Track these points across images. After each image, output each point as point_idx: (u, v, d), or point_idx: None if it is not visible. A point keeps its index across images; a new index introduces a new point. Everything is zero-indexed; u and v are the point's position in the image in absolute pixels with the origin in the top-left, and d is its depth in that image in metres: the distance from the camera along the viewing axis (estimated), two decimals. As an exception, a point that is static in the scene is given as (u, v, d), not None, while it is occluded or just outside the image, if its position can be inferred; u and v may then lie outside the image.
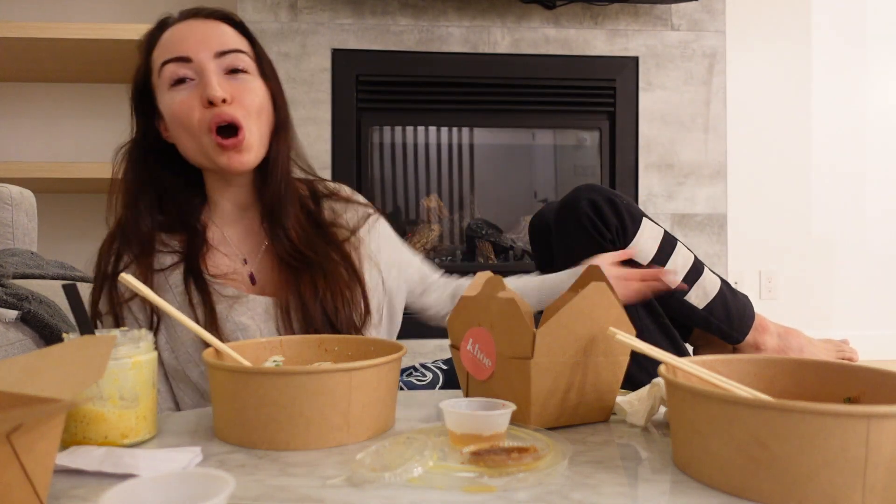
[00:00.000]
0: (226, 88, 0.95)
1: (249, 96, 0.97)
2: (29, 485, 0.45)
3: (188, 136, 0.96)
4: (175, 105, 0.95)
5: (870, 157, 3.26)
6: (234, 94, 0.95)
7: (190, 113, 0.95)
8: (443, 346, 2.53)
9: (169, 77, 0.96)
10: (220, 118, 0.94)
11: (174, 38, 0.97)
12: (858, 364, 0.66)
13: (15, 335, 1.03)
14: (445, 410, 0.64)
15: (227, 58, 0.97)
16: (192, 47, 0.95)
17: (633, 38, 2.69)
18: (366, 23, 2.58)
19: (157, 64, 0.97)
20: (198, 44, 0.96)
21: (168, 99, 0.96)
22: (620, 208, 1.13)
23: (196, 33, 0.97)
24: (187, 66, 0.95)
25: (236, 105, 0.95)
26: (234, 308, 0.97)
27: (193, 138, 0.96)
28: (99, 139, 2.79)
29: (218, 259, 1.02)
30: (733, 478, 0.53)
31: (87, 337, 0.68)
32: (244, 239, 1.05)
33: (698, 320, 1.18)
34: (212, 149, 0.96)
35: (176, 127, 0.97)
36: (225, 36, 0.98)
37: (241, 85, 0.97)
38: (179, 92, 0.95)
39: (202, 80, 0.95)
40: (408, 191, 2.86)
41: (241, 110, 0.96)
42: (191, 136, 0.96)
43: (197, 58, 0.95)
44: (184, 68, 0.95)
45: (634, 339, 0.70)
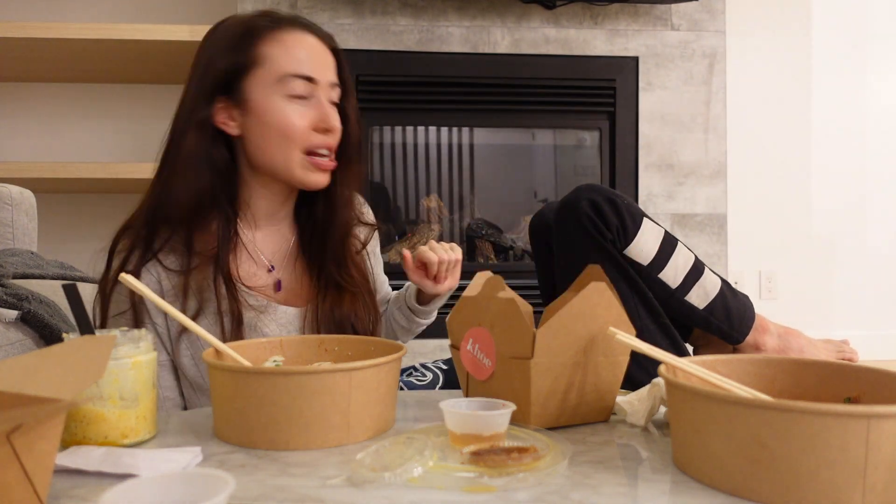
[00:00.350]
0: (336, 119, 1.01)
1: (338, 128, 1.02)
2: (29, 485, 0.45)
3: (282, 144, 0.98)
4: (288, 115, 0.97)
5: (870, 156, 3.26)
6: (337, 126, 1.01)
7: (300, 128, 0.98)
8: (443, 346, 2.53)
9: (292, 89, 0.97)
10: (326, 145, 1.00)
11: (301, 47, 0.99)
12: (858, 364, 0.66)
13: (15, 335, 1.03)
14: (445, 410, 0.64)
15: (335, 90, 1.02)
16: (317, 70, 0.99)
17: (633, 38, 2.69)
18: (366, 23, 2.58)
19: (279, 67, 0.97)
20: (322, 68, 1.00)
21: (282, 106, 0.97)
22: (621, 208, 1.13)
23: (319, 56, 1.00)
24: (311, 86, 0.98)
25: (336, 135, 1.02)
26: (261, 318, 0.98)
27: (286, 148, 0.98)
28: (99, 139, 2.79)
29: (245, 263, 1.02)
30: (733, 478, 0.53)
31: (87, 337, 0.68)
32: (271, 243, 1.06)
33: (699, 320, 1.18)
34: (301, 164, 0.99)
35: (274, 133, 0.98)
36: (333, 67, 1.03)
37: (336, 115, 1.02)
38: (296, 105, 0.98)
39: (320, 105, 0.99)
40: (408, 191, 2.86)
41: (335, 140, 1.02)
42: (285, 146, 0.98)
43: (321, 83, 0.99)
44: (308, 87, 0.98)
45: (634, 339, 0.70)
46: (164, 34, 2.31)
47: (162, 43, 2.33)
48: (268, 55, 0.97)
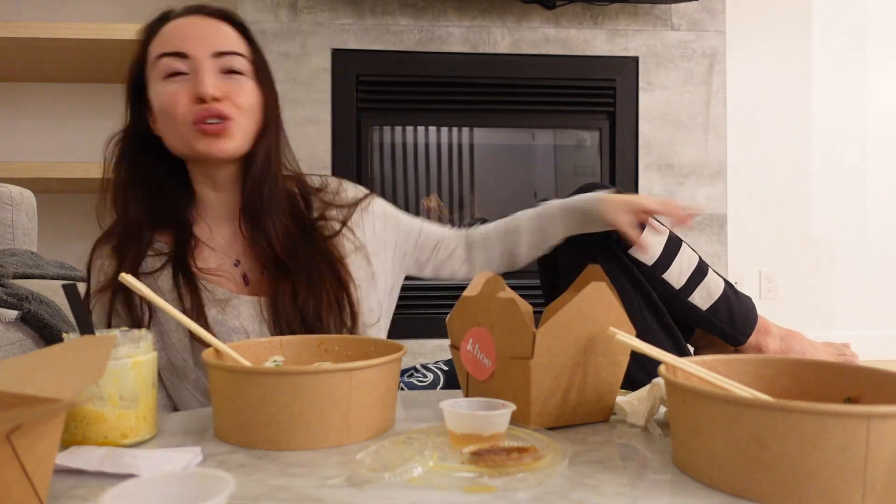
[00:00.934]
0: (218, 87, 0.96)
1: (242, 96, 0.98)
2: (29, 485, 0.45)
3: (172, 126, 0.97)
4: (165, 95, 0.96)
5: (870, 156, 3.26)
6: (225, 93, 0.96)
7: (177, 104, 0.95)
8: (443, 346, 2.53)
9: (163, 69, 0.96)
10: (209, 114, 0.95)
11: (173, 32, 0.98)
12: (858, 364, 0.66)
13: (15, 335, 1.03)
14: (445, 410, 0.64)
15: (224, 59, 0.97)
16: (190, 44, 0.96)
17: (633, 38, 2.69)
18: (366, 23, 2.58)
19: (153, 56, 0.98)
20: (196, 41, 0.96)
21: (160, 89, 0.97)
22: None
23: (196, 31, 0.98)
24: (183, 61, 0.96)
25: (227, 103, 0.97)
26: (226, 311, 0.98)
27: (176, 128, 0.97)
28: (99, 139, 2.76)
29: (207, 255, 1.02)
30: (733, 478, 0.53)
31: (87, 337, 0.68)
32: (235, 239, 1.05)
33: (701, 321, 1.18)
34: (192, 136, 0.96)
35: (163, 117, 0.98)
36: (224, 37, 0.99)
37: (233, 84, 0.98)
38: (171, 84, 0.96)
39: (196, 76, 0.95)
40: (408, 191, 2.86)
41: (232, 108, 0.97)
42: (174, 125, 0.97)
43: (194, 55, 0.96)
44: (179, 63, 0.96)
45: (634, 339, 0.70)
46: (164, 34, 2.31)
47: (162, 43, 2.33)
48: (151, 50, 0.99)
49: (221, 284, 1.00)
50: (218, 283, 1.00)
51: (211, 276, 1.00)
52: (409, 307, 2.52)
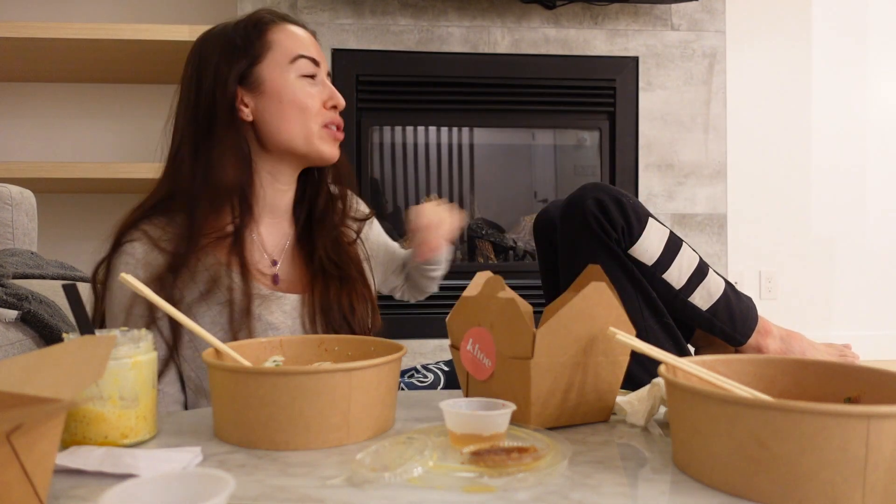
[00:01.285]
0: None
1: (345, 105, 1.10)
2: (29, 484, 0.45)
3: (301, 118, 1.04)
4: (304, 92, 1.05)
5: (870, 156, 3.26)
6: None
7: (315, 104, 1.05)
8: (443, 347, 2.53)
9: (303, 68, 1.05)
10: (337, 122, 1.08)
11: (304, 38, 1.08)
12: (858, 364, 0.66)
13: (15, 335, 1.03)
14: (445, 410, 0.64)
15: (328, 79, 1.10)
16: (318, 56, 1.08)
17: (633, 38, 2.69)
18: (366, 23, 2.58)
19: (288, 50, 1.04)
20: (319, 55, 1.09)
21: (299, 84, 1.04)
22: (626, 208, 1.13)
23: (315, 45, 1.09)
24: (316, 68, 1.07)
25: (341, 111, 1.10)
26: (265, 306, 1.00)
27: (305, 122, 1.04)
28: (99, 139, 2.79)
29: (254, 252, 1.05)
30: (733, 478, 0.53)
31: (88, 337, 0.68)
32: (273, 237, 1.09)
33: (702, 322, 1.17)
34: (319, 137, 1.06)
35: (292, 108, 1.04)
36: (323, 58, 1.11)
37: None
38: (310, 84, 1.06)
39: (325, 86, 1.08)
40: (408, 191, 2.86)
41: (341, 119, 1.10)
42: (304, 119, 1.04)
43: (322, 66, 1.09)
44: (314, 68, 1.06)
45: (634, 339, 0.70)
46: (164, 34, 2.31)
47: (162, 43, 2.33)
48: (277, 40, 1.05)
49: (258, 279, 1.02)
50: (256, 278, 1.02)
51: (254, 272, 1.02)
52: (409, 307, 2.52)
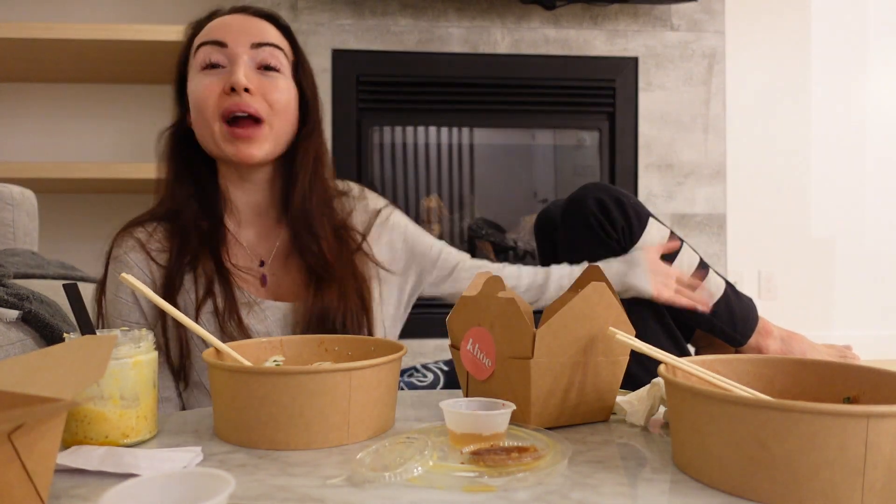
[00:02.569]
0: (252, 80, 0.95)
1: (276, 93, 0.96)
2: (30, 484, 0.45)
3: (202, 122, 0.96)
4: (199, 88, 0.95)
5: (869, 156, 3.26)
6: (260, 88, 0.95)
7: (209, 97, 0.94)
8: (443, 346, 2.53)
9: (202, 59, 0.96)
10: (238, 107, 0.93)
11: (217, 25, 0.98)
12: (858, 364, 0.66)
13: (16, 335, 1.03)
14: (445, 410, 0.64)
15: (263, 51, 0.96)
16: (230, 34, 0.96)
17: (632, 38, 2.69)
18: (366, 23, 2.58)
19: (194, 47, 0.98)
20: (237, 32, 0.96)
21: (196, 81, 0.96)
22: (627, 208, 1.13)
23: (239, 24, 0.97)
24: (221, 50, 0.95)
25: (259, 98, 0.95)
26: (249, 315, 0.97)
27: (206, 123, 0.95)
28: (99, 139, 2.79)
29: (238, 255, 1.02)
30: (733, 478, 0.53)
31: (88, 337, 0.68)
32: (259, 240, 1.04)
33: (702, 322, 1.17)
34: (221, 137, 0.95)
35: (195, 110, 0.97)
36: (266, 31, 0.99)
37: (269, 81, 0.97)
38: (207, 76, 0.95)
39: (231, 67, 0.94)
40: (408, 191, 2.86)
41: (264, 105, 0.95)
42: (204, 120, 0.95)
43: (232, 44, 0.95)
44: (217, 53, 0.95)
45: (634, 339, 0.70)
46: (163, 34, 2.31)
47: (162, 43, 2.33)
48: (194, 46, 0.99)
49: (245, 283, 0.99)
50: (242, 283, 0.99)
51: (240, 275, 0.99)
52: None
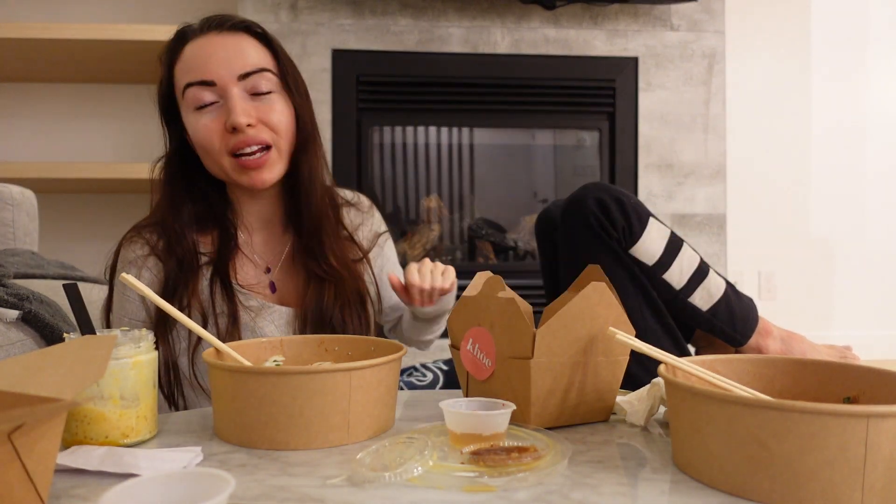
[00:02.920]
0: (250, 112, 0.95)
1: (275, 117, 0.97)
2: (30, 484, 0.45)
3: (209, 159, 0.98)
4: (199, 128, 0.96)
5: (869, 156, 3.26)
6: (259, 117, 0.95)
7: (212, 137, 0.95)
8: (443, 347, 2.52)
9: (192, 101, 0.95)
10: (245, 144, 0.95)
11: (196, 56, 0.96)
12: (858, 364, 0.66)
13: (16, 335, 1.03)
14: (445, 410, 0.64)
15: (251, 79, 0.96)
16: (214, 70, 0.94)
17: (632, 38, 2.69)
18: (366, 23, 2.58)
19: (181, 84, 0.97)
20: (220, 65, 0.94)
21: (193, 121, 0.96)
22: (627, 208, 1.13)
23: (218, 53, 0.95)
24: (210, 89, 0.95)
25: (261, 127, 0.96)
26: (257, 319, 0.99)
27: (214, 161, 0.97)
28: (99, 139, 2.79)
29: (245, 266, 1.03)
30: (733, 478, 0.53)
31: (88, 337, 0.68)
32: (267, 246, 1.06)
33: (702, 322, 1.17)
34: (232, 169, 0.97)
35: (200, 149, 0.98)
36: (247, 54, 0.96)
37: (265, 106, 0.97)
38: (204, 116, 0.95)
39: (226, 103, 0.94)
40: (408, 191, 2.86)
41: (267, 132, 0.96)
42: (212, 158, 0.97)
43: (220, 81, 0.94)
44: (207, 92, 0.95)
45: (634, 339, 0.70)
46: (164, 34, 2.30)
47: (161, 43, 2.32)
48: (176, 76, 0.98)
49: (253, 290, 1.01)
50: (250, 290, 1.01)
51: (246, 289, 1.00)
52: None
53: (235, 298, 0.98)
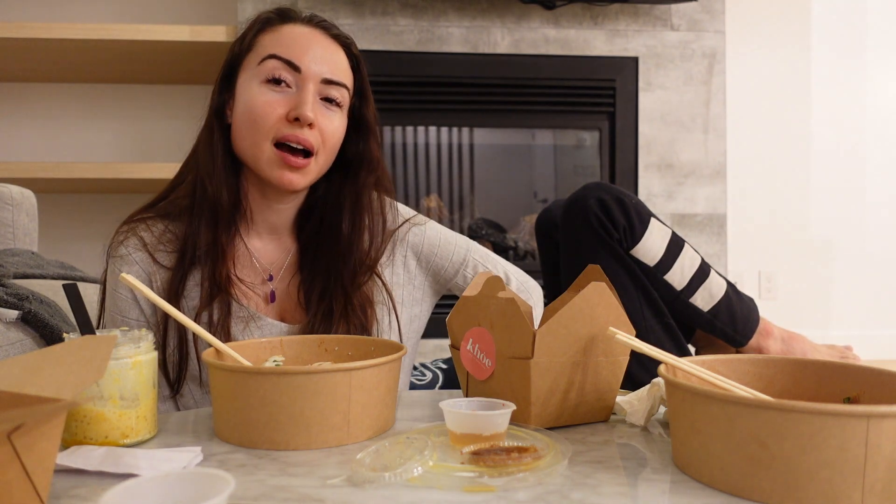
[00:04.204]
0: (317, 114, 0.94)
1: (331, 129, 0.96)
2: (30, 484, 0.45)
3: (252, 135, 0.93)
4: (259, 100, 0.92)
5: (869, 156, 3.26)
6: (319, 122, 0.94)
7: (269, 115, 0.92)
8: (443, 346, 2.53)
9: (268, 71, 0.93)
10: (297, 139, 0.92)
11: (293, 38, 0.95)
12: (858, 364, 0.66)
13: (15, 335, 1.03)
14: (445, 410, 0.64)
15: (331, 88, 0.95)
16: (305, 59, 0.93)
17: (632, 38, 2.69)
18: (366, 23, 2.58)
19: (264, 51, 0.94)
20: (314, 59, 0.94)
21: (256, 92, 0.93)
22: (629, 208, 1.13)
23: (316, 48, 0.95)
24: (293, 73, 0.93)
25: (316, 132, 0.94)
26: (247, 329, 0.96)
27: (256, 140, 0.93)
28: (99, 139, 2.79)
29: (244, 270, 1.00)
30: (733, 478, 0.53)
31: (88, 337, 0.68)
32: (270, 252, 1.02)
33: (703, 322, 1.17)
34: (269, 159, 0.93)
35: (246, 120, 0.94)
36: (339, 65, 0.97)
37: (329, 115, 0.96)
38: (271, 92, 0.93)
39: (299, 94, 0.93)
40: (408, 191, 2.86)
41: (318, 139, 0.95)
42: (255, 135, 0.93)
43: (306, 72, 0.93)
44: (288, 72, 0.93)
45: (634, 339, 0.70)
46: (164, 34, 2.32)
47: (162, 43, 2.34)
48: (261, 42, 0.96)
49: (246, 297, 0.98)
50: (244, 297, 0.98)
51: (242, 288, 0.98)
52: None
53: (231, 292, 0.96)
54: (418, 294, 1.08)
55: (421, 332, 1.11)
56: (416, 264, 1.07)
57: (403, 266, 1.06)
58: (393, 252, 1.05)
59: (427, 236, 1.07)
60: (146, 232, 0.98)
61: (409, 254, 1.07)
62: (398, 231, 1.06)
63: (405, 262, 1.06)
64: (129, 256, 0.97)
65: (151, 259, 0.96)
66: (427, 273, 1.08)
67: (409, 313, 1.07)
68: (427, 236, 1.07)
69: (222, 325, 0.94)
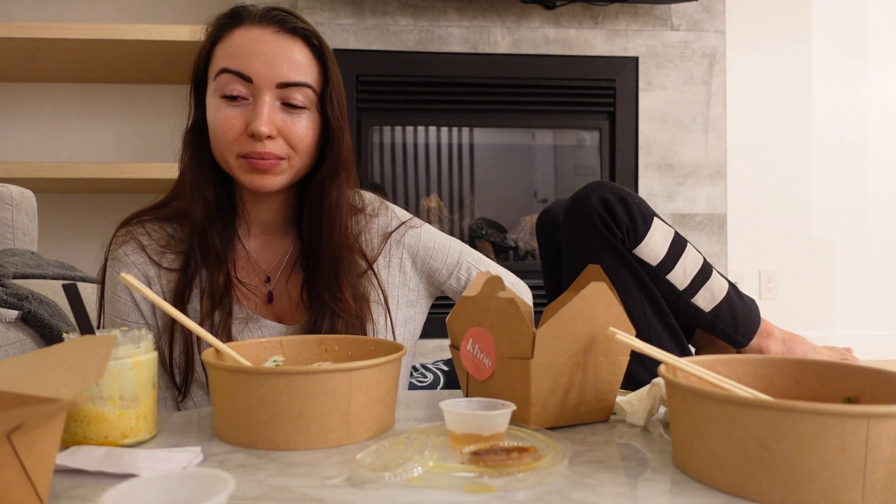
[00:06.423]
0: (275, 121, 0.91)
1: (297, 133, 0.93)
2: (29, 484, 0.45)
3: (218, 150, 0.94)
4: (219, 119, 0.91)
5: (870, 156, 3.26)
6: (281, 129, 0.92)
7: (228, 132, 0.91)
8: (443, 346, 2.53)
9: (223, 87, 0.91)
10: (257, 154, 0.90)
11: (244, 46, 0.91)
12: (858, 364, 0.66)
13: (15, 335, 1.03)
14: (445, 410, 0.64)
15: (288, 90, 0.92)
16: (256, 68, 0.90)
17: (633, 38, 2.69)
18: (366, 23, 2.58)
19: (217, 65, 0.92)
20: (264, 65, 0.90)
21: (215, 107, 0.92)
22: (632, 207, 1.12)
23: (266, 52, 0.90)
24: (245, 84, 0.90)
25: (279, 141, 0.92)
26: (245, 330, 0.96)
27: (223, 153, 0.93)
28: (99, 139, 2.79)
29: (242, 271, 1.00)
30: (733, 478, 0.53)
31: (88, 337, 0.68)
32: (268, 252, 1.02)
33: (704, 323, 1.17)
34: (238, 168, 0.93)
35: (212, 135, 0.94)
36: (295, 63, 0.92)
37: (291, 120, 0.92)
38: (228, 107, 0.91)
39: (255, 106, 0.90)
40: (408, 191, 2.86)
41: (283, 147, 0.92)
42: (221, 150, 0.93)
43: (258, 81, 0.90)
44: (240, 86, 0.90)
45: (634, 339, 0.70)
46: (164, 34, 2.32)
47: (162, 43, 2.34)
48: (215, 54, 0.93)
49: (246, 298, 0.98)
50: (244, 298, 0.98)
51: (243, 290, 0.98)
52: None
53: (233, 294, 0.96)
54: (413, 296, 1.08)
55: (417, 335, 1.11)
56: (412, 266, 1.07)
57: (399, 268, 1.06)
58: (389, 254, 1.05)
59: (422, 239, 1.07)
60: (144, 235, 0.98)
61: (405, 256, 1.06)
62: (394, 233, 1.05)
63: (401, 264, 1.06)
64: (128, 258, 0.97)
65: (150, 261, 0.97)
66: (422, 275, 1.08)
67: (404, 314, 1.07)
68: (422, 239, 1.07)
69: (223, 326, 0.94)
